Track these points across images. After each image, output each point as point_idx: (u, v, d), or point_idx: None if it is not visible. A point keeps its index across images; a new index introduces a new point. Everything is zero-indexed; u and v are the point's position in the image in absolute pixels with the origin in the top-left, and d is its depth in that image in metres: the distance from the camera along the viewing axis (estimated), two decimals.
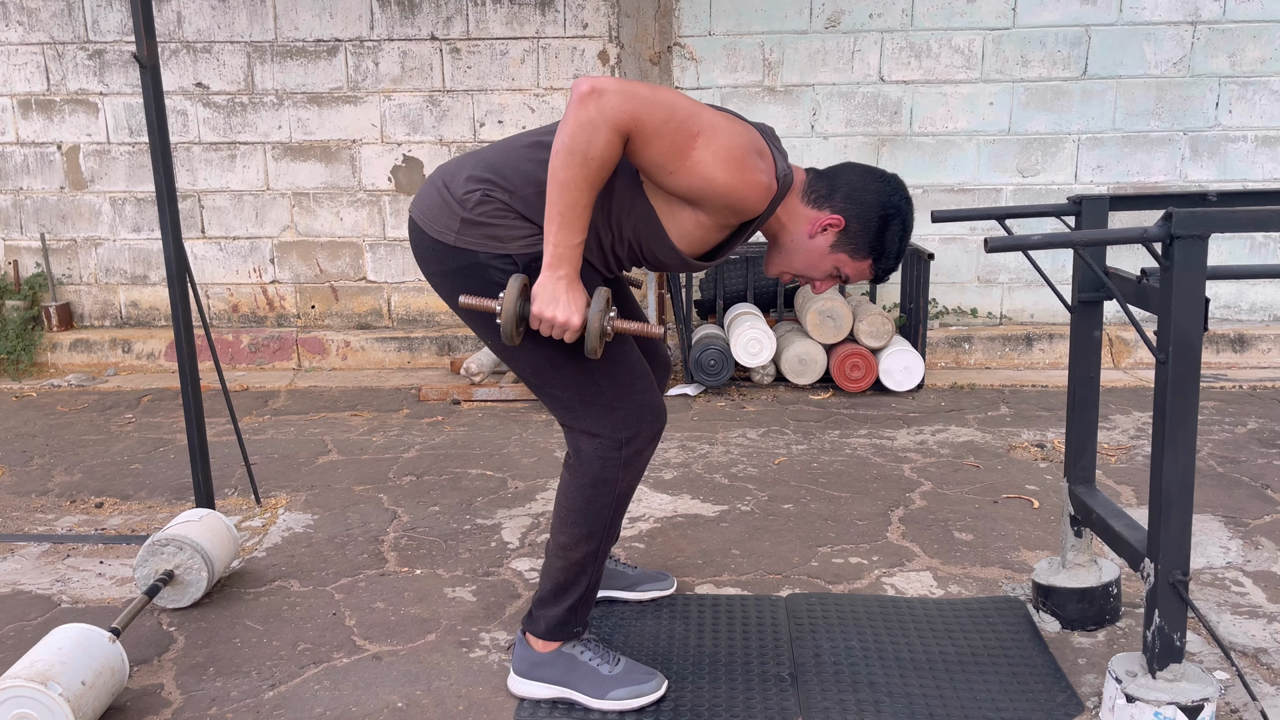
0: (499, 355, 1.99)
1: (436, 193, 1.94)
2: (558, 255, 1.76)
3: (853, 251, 1.94)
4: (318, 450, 3.72)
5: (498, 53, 4.80)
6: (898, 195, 1.92)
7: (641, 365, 1.99)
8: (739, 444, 3.70)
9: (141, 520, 3.12)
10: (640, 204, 1.88)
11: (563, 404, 1.97)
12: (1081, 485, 2.34)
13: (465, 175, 1.92)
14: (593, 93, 1.68)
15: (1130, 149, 4.73)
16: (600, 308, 1.78)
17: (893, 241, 1.94)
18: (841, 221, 1.90)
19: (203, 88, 4.91)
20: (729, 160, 1.77)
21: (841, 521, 2.97)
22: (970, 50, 4.67)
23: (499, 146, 1.96)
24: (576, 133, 1.69)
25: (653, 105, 1.71)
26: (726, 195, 1.79)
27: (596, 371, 1.93)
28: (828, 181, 1.93)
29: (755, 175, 1.80)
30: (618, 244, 1.94)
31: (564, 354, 1.92)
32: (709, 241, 1.92)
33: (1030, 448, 3.64)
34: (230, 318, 5.13)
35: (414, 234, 1.98)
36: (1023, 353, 4.78)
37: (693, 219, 1.87)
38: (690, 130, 1.74)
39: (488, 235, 1.88)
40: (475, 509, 3.12)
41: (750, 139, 1.82)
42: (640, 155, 1.75)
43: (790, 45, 4.71)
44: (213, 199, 5.01)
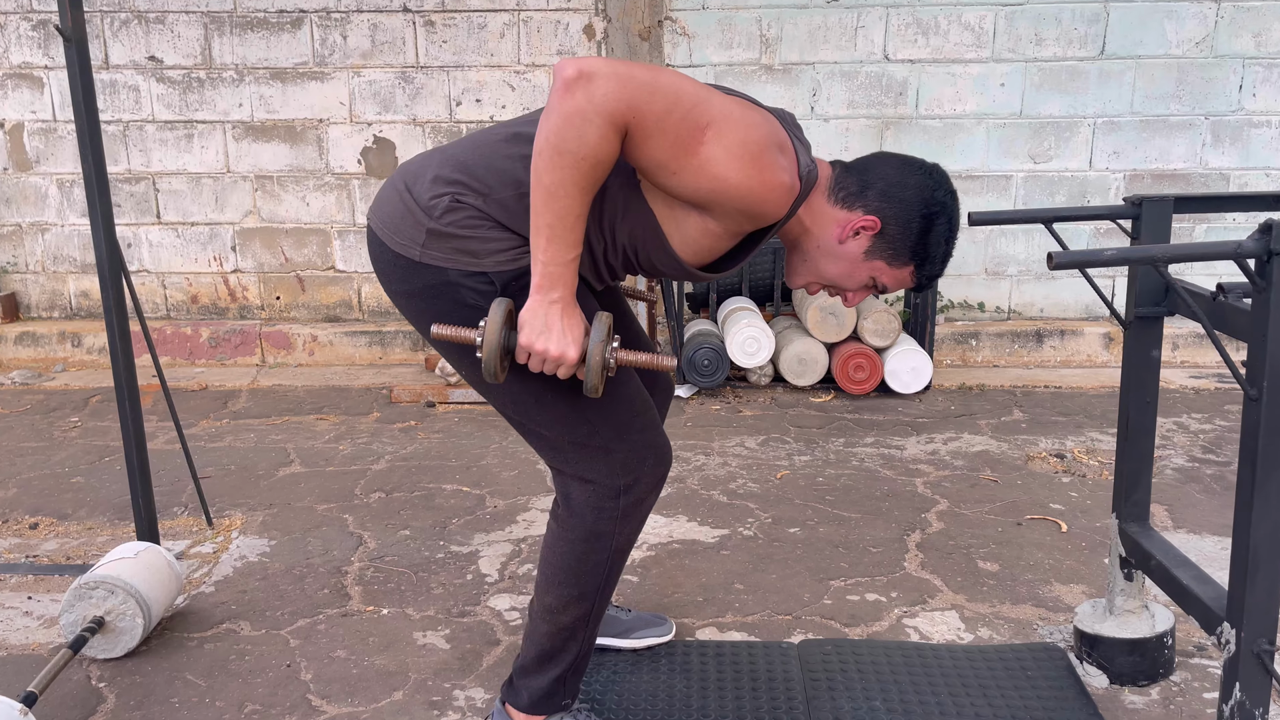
0: (475, 388, 1.70)
1: (398, 197, 1.64)
2: (549, 275, 1.47)
3: (891, 257, 1.65)
4: (279, 461, 3.42)
5: (475, 26, 4.47)
6: (941, 189, 1.63)
7: (642, 398, 1.70)
8: (737, 454, 3.42)
9: (79, 545, 2.82)
10: (637, 207, 1.59)
11: (550, 445, 1.68)
12: (1135, 524, 2.07)
13: (431, 176, 1.62)
14: (580, 77, 1.38)
15: (1149, 134, 4.46)
16: (602, 337, 1.50)
17: (938, 244, 1.65)
18: (877, 223, 1.61)
19: (156, 61, 4.55)
20: (744, 157, 1.47)
21: (854, 549, 2.70)
22: (981, 27, 4.38)
23: (471, 141, 1.65)
24: (563, 127, 1.39)
25: (653, 92, 1.41)
26: (741, 198, 1.50)
27: (589, 408, 1.64)
28: (858, 176, 1.63)
29: (775, 174, 1.50)
30: (610, 252, 1.65)
31: (551, 387, 1.63)
32: (717, 250, 1.63)
33: (1049, 458, 3.38)
34: (189, 309, 4.80)
35: (373, 245, 1.67)
36: (1032, 350, 4.52)
37: (699, 225, 1.58)
38: (698, 121, 1.45)
39: (459, 249, 1.59)
40: (450, 533, 2.83)
41: (770, 130, 1.53)
42: (638, 152, 1.46)
43: (789, 20, 4.40)
44: (168, 181, 4.67)
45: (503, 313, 1.50)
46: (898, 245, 1.63)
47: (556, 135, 1.39)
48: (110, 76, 4.56)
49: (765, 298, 4.46)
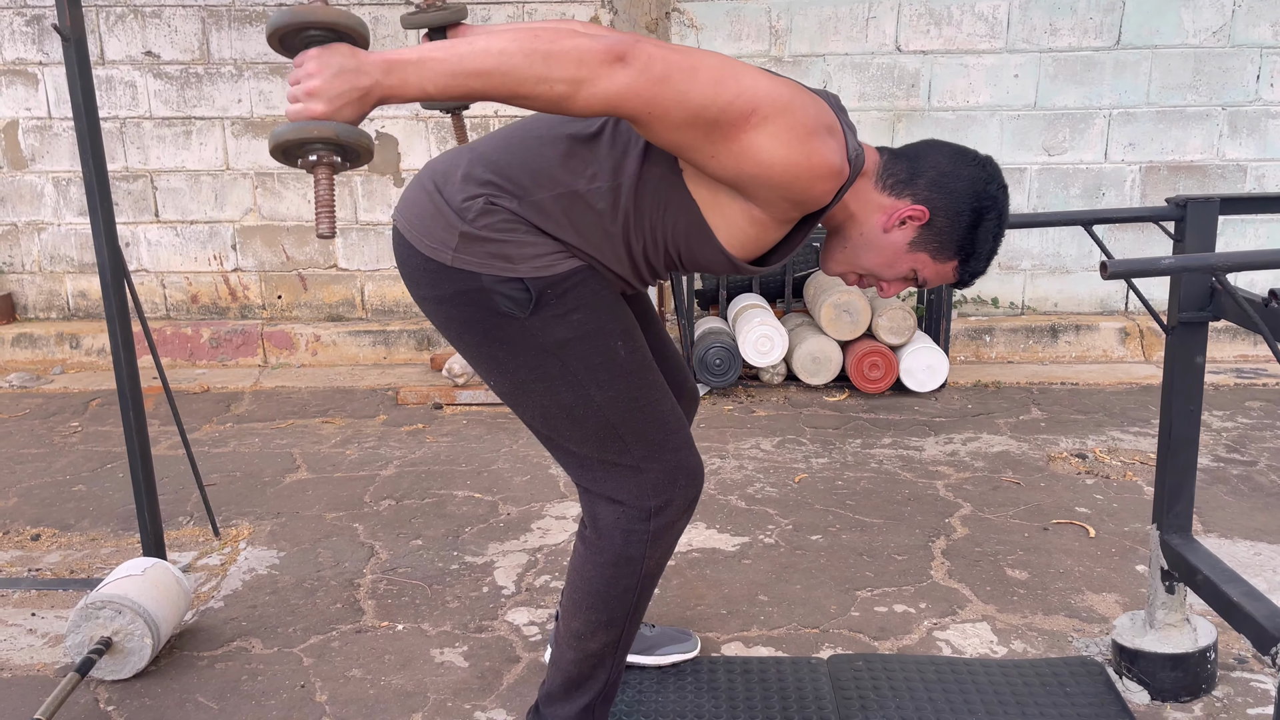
0: (504, 399, 1.63)
1: (427, 198, 1.56)
2: (401, 66, 1.27)
3: (936, 250, 1.57)
4: (285, 466, 3.34)
5: (479, 18, 4.37)
6: (994, 183, 1.56)
7: (676, 415, 1.63)
8: (753, 457, 3.35)
9: (82, 558, 2.74)
10: (679, 199, 1.51)
11: (579, 462, 1.61)
12: (1177, 535, 2.01)
13: (462, 176, 1.54)
14: (620, 60, 1.29)
15: (1165, 125, 4.38)
16: (343, 132, 1.24)
17: (985, 240, 1.58)
18: (925, 213, 1.54)
19: (153, 57, 4.45)
20: (792, 140, 1.39)
21: (878, 556, 2.64)
22: (994, 17, 4.30)
23: (503, 137, 1.57)
24: (567, 59, 1.27)
25: (686, 90, 1.33)
26: (788, 183, 1.42)
27: (623, 424, 1.57)
28: (908, 163, 1.56)
29: (824, 156, 1.42)
30: (652, 251, 1.57)
31: (583, 401, 1.56)
32: (765, 241, 1.55)
33: (1071, 458, 3.32)
34: (189, 309, 4.72)
35: (400, 249, 1.60)
36: (1047, 345, 4.45)
37: (745, 213, 1.50)
38: (741, 110, 1.37)
39: (493, 253, 1.51)
40: (463, 542, 2.76)
41: (818, 111, 1.45)
42: (663, 137, 1.38)
43: (799, 11, 4.31)
44: (167, 179, 4.58)
45: (345, 20, 1.27)
46: (945, 238, 1.56)
47: (561, 50, 1.27)
48: (106, 72, 4.46)
49: (776, 294, 4.39)
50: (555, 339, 1.53)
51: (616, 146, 1.51)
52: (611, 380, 1.56)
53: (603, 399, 1.56)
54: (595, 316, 1.54)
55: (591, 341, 1.54)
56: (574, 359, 1.54)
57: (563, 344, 1.54)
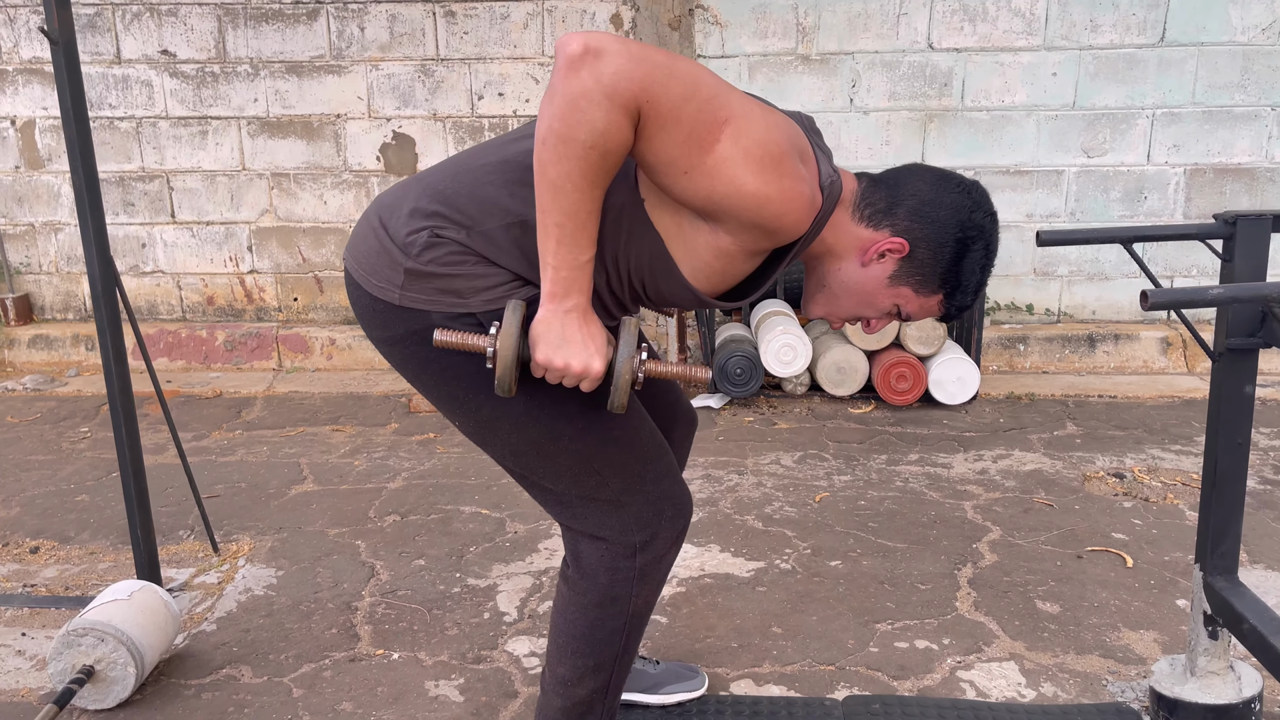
0: (472, 439, 1.52)
1: (373, 234, 1.45)
2: (561, 280, 1.30)
3: (919, 284, 1.45)
4: (292, 477, 3.26)
5: (498, 16, 4.27)
6: (980, 211, 1.43)
7: (656, 441, 1.51)
8: (772, 473, 3.22)
9: (79, 573, 2.68)
10: (640, 228, 1.39)
11: (557, 499, 1.50)
12: (1222, 577, 1.86)
13: (408, 209, 1.43)
14: (586, 54, 1.18)
15: (1211, 125, 4.19)
16: (630, 349, 1.34)
17: (971, 272, 1.45)
18: (905, 246, 1.41)
19: (169, 55, 4.39)
20: (763, 160, 1.28)
21: (900, 585, 2.51)
22: (1032, 13, 4.12)
23: (451, 167, 1.46)
24: (568, 111, 1.19)
25: (670, 75, 1.22)
26: (758, 209, 1.30)
27: (597, 457, 1.45)
28: (887, 191, 1.43)
29: (796, 183, 1.31)
30: (616, 283, 1.45)
31: (551, 435, 1.44)
32: (732, 274, 1.43)
33: (1107, 478, 3.16)
34: (205, 311, 4.66)
35: (350, 288, 1.50)
36: (1084, 355, 4.28)
37: (710, 243, 1.38)
38: (716, 114, 1.25)
39: (441, 289, 1.40)
40: (467, 563, 2.66)
41: (790, 133, 1.33)
42: (650, 144, 1.26)
43: (827, 8, 4.17)
44: (183, 180, 4.52)
45: (519, 318, 1.32)
46: (927, 271, 1.44)
47: (562, 121, 1.20)
48: (123, 71, 4.41)
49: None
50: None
51: None
52: (581, 411, 1.44)
53: (572, 432, 1.45)
54: None
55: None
56: (538, 391, 1.43)
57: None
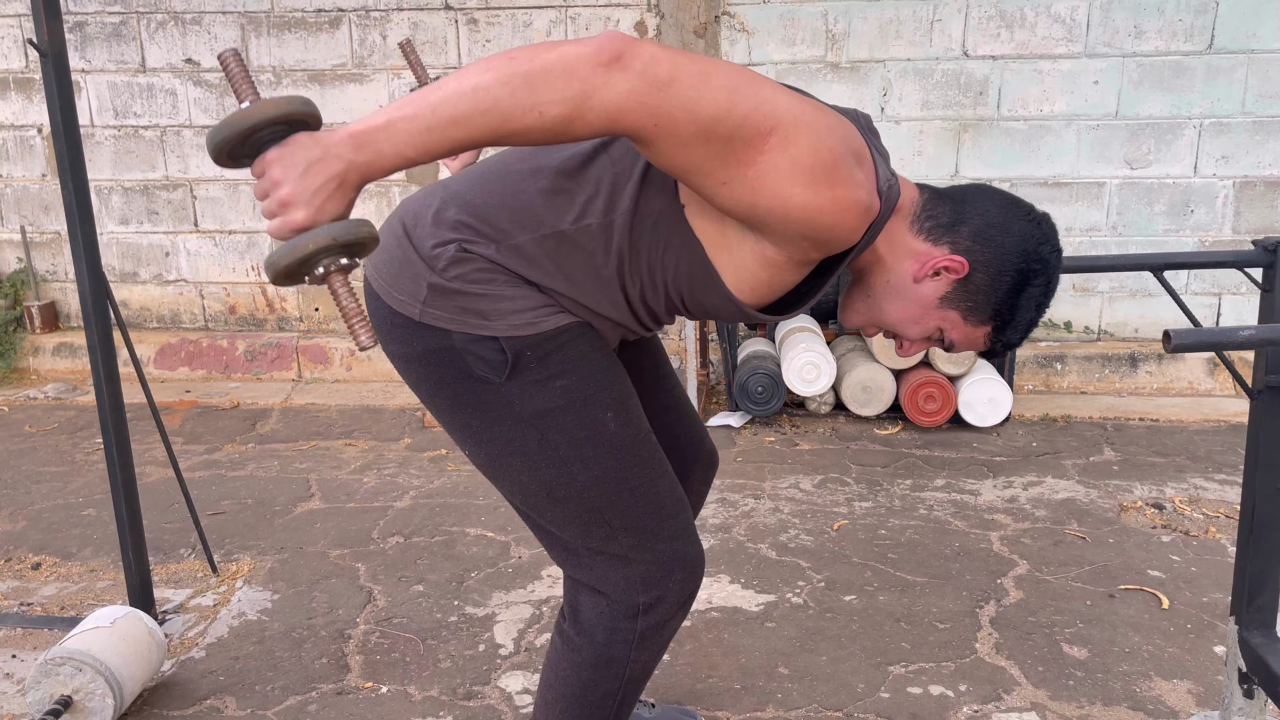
0: (479, 468, 1.42)
1: (396, 243, 1.36)
2: (370, 136, 1.06)
3: (969, 310, 1.34)
4: (299, 494, 3.21)
5: (520, 24, 4.20)
6: (1048, 245, 1.32)
7: (675, 496, 1.41)
8: (790, 498, 3.10)
9: (77, 592, 2.63)
10: (681, 237, 1.29)
11: (562, 546, 1.41)
12: (1258, 632, 1.72)
13: (434, 218, 1.33)
14: (616, 62, 1.06)
15: (1262, 136, 4.00)
16: (340, 233, 1.04)
17: (1027, 308, 1.34)
18: (965, 266, 1.31)
19: (193, 64, 4.38)
20: (814, 168, 1.17)
21: (918, 624, 2.38)
22: (1072, 19, 3.96)
23: (480, 173, 1.36)
24: (554, 73, 1.05)
25: (696, 98, 1.10)
26: (808, 220, 1.19)
27: (610, 508, 1.35)
28: (952, 207, 1.33)
29: (851, 190, 1.19)
30: (650, 295, 1.35)
31: (565, 478, 1.34)
32: (778, 285, 1.32)
33: (1145, 509, 3.00)
34: (227, 320, 4.64)
35: (369, 298, 1.40)
36: (1125, 375, 4.10)
37: (756, 253, 1.28)
38: (759, 126, 1.14)
39: (465, 308, 1.30)
40: (467, 590, 2.57)
41: (845, 135, 1.22)
42: (669, 158, 1.15)
43: (858, 14, 4.04)
44: (206, 189, 4.50)
45: (293, 108, 1.06)
46: (981, 298, 1.32)
47: (542, 68, 1.05)
48: (147, 80, 4.40)
49: (829, 315, 4.12)
50: (534, 408, 1.33)
51: (607, 178, 1.30)
52: (598, 457, 1.34)
53: (587, 478, 1.35)
54: (582, 383, 1.33)
55: (576, 412, 1.33)
56: (555, 431, 1.33)
57: (543, 414, 1.33)
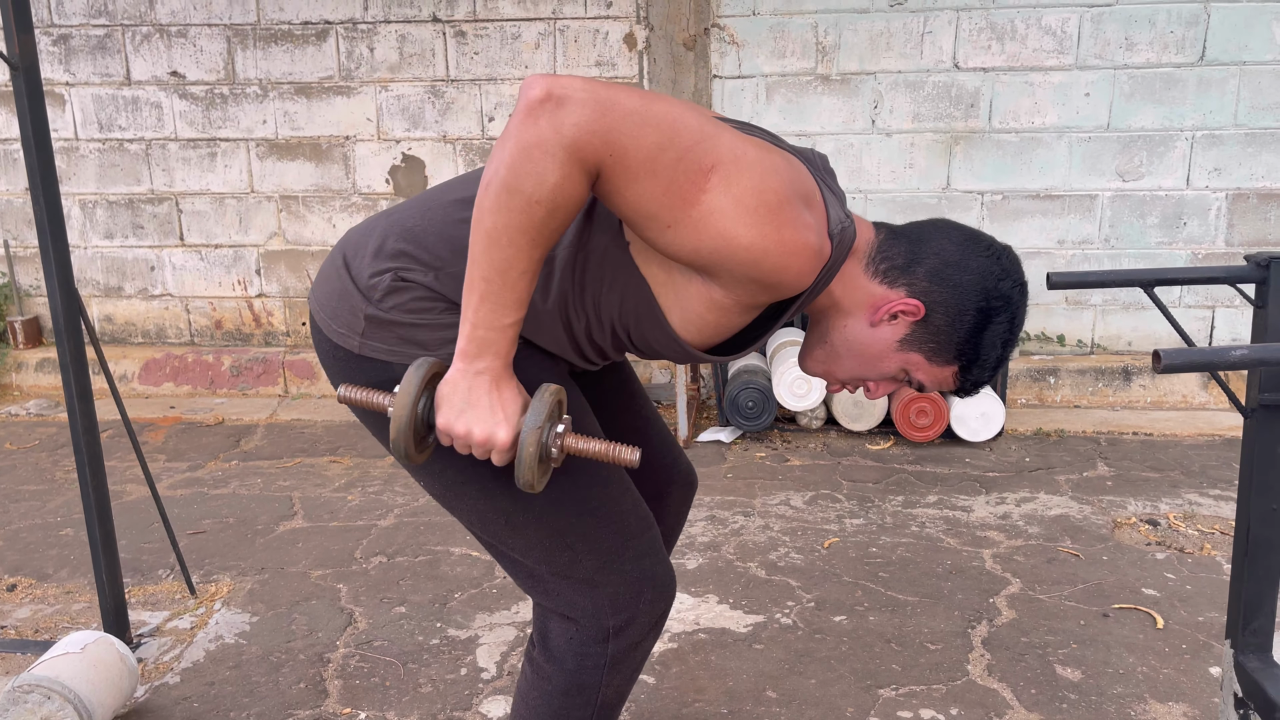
0: (436, 499, 1.38)
1: (335, 274, 1.33)
2: (476, 340, 1.15)
3: (932, 352, 1.30)
4: (282, 513, 3.16)
5: (509, 36, 4.17)
6: (1009, 280, 1.27)
7: (639, 515, 1.37)
8: (781, 515, 3.06)
9: (52, 614, 2.58)
10: (626, 274, 1.26)
11: (526, 573, 1.36)
12: (1254, 656, 1.68)
13: (373, 248, 1.31)
14: (547, 100, 1.06)
15: (1254, 148, 3.98)
16: (540, 419, 1.15)
17: (991, 346, 1.29)
18: (920, 309, 1.27)
19: (178, 77, 4.34)
20: (759, 209, 1.13)
21: (909, 645, 2.33)
22: (1063, 31, 3.94)
23: (421, 203, 1.33)
24: (519, 160, 1.07)
25: (641, 123, 1.08)
26: (754, 263, 1.16)
27: (571, 530, 1.31)
28: (908, 246, 1.28)
29: (798, 233, 1.16)
30: (596, 331, 1.32)
31: (521, 505, 1.31)
32: (725, 327, 1.29)
33: (1140, 525, 2.96)
34: (213, 335, 4.59)
35: (313, 332, 1.37)
36: (1119, 389, 4.07)
37: (703, 296, 1.24)
38: (700, 162, 1.11)
39: (404, 338, 1.27)
40: (449, 611, 2.52)
41: (792, 175, 1.19)
42: (621, 198, 1.13)
43: (848, 26, 4.02)
44: (191, 202, 4.46)
45: (423, 375, 1.17)
46: (942, 339, 1.28)
47: (509, 169, 1.07)
48: (132, 93, 4.37)
49: None
50: None
51: None
52: (554, 480, 1.30)
53: (545, 502, 1.30)
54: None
55: None
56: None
57: None
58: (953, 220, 1.32)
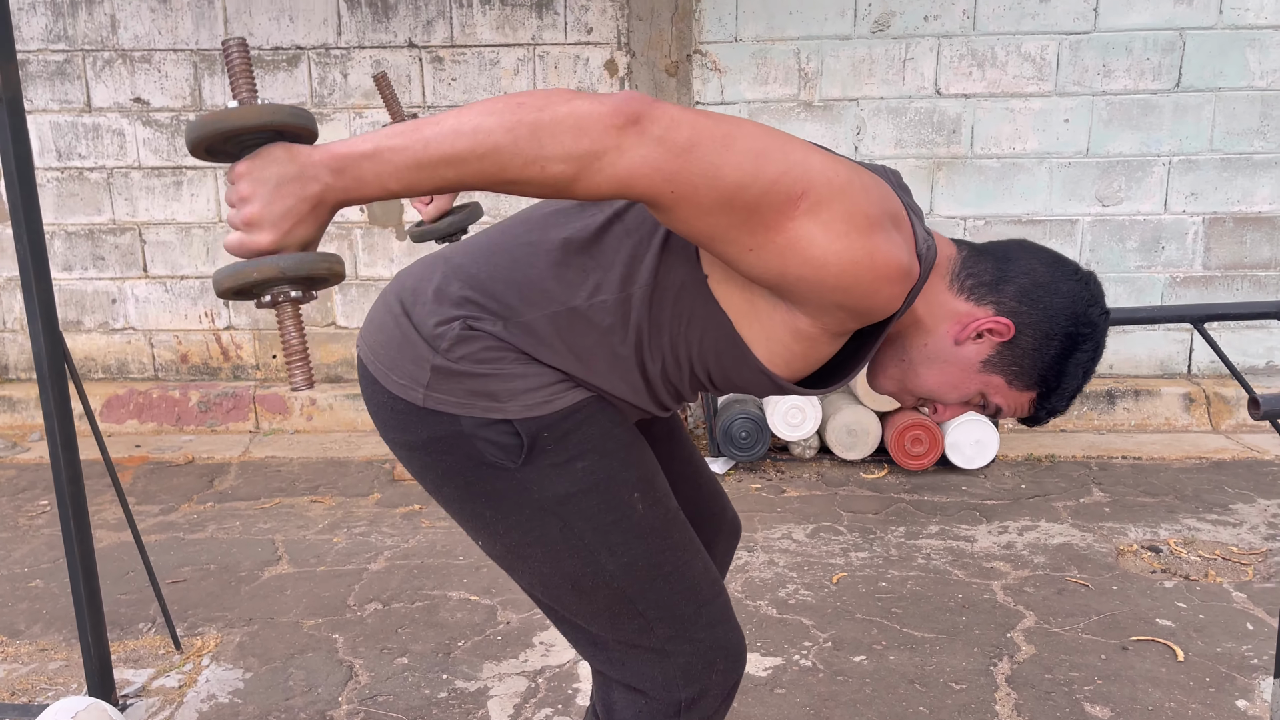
0: (495, 560, 1.29)
1: (394, 322, 1.24)
2: (353, 160, 0.99)
3: (1014, 375, 1.24)
4: (265, 558, 3.02)
5: (487, 62, 4.10)
6: (1097, 307, 1.23)
7: (710, 579, 1.29)
8: (784, 549, 3.00)
9: (28, 674, 2.43)
10: (705, 309, 1.19)
11: (590, 640, 1.28)
12: None
13: (433, 293, 1.22)
14: (633, 125, 0.99)
15: (1230, 173, 4.03)
16: (292, 266, 0.98)
17: (1074, 375, 1.25)
18: (1010, 328, 1.21)
19: (142, 103, 4.20)
20: (850, 234, 1.08)
21: (932, 685, 2.28)
22: (1043, 58, 3.97)
23: (483, 244, 1.25)
24: (566, 125, 0.98)
25: (719, 167, 1.02)
26: (845, 287, 1.10)
27: (643, 597, 1.23)
28: (994, 265, 1.23)
29: (890, 255, 1.10)
30: (674, 372, 1.25)
31: (591, 569, 1.22)
32: (814, 357, 1.22)
33: (1142, 552, 2.95)
34: (178, 369, 4.43)
35: (364, 382, 1.28)
36: (1104, 412, 4.09)
37: (788, 324, 1.18)
38: (789, 190, 1.05)
39: (474, 390, 1.19)
40: (455, 661, 2.42)
41: (881, 196, 1.13)
42: (690, 225, 1.07)
43: (830, 53, 4.01)
44: (155, 232, 4.31)
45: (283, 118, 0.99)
46: (1027, 362, 1.23)
47: (552, 120, 0.98)
48: (93, 120, 4.21)
49: None
50: (555, 494, 1.21)
51: (624, 250, 1.20)
52: (627, 543, 1.23)
53: (616, 567, 1.23)
54: (605, 463, 1.22)
55: (600, 495, 1.22)
56: (579, 518, 1.21)
57: (564, 500, 1.21)
58: (1034, 241, 1.28)
